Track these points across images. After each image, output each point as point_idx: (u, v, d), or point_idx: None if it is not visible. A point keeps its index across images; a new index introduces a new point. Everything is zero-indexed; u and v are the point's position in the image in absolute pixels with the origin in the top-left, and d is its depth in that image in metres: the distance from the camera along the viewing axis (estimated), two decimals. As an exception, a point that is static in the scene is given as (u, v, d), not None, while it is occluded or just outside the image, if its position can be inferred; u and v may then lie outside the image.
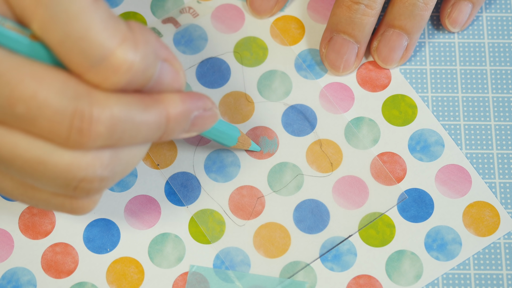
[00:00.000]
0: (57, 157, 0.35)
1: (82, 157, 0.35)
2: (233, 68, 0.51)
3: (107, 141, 0.35)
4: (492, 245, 0.47)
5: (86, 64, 0.33)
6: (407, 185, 0.48)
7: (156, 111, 0.36)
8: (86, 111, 0.33)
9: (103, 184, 0.36)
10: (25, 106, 0.33)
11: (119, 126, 0.34)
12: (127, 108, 0.35)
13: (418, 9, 0.48)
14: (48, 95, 0.33)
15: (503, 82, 0.51)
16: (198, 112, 0.38)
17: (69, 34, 0.33)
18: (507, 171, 0.48)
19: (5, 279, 0.46)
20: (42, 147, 0.34)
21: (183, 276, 0.46)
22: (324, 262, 0.46)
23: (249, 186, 0.48)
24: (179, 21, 0.52)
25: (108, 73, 0.34)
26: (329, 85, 0.50)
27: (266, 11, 0.52)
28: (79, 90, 0.34)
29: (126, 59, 0.34)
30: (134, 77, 0.34)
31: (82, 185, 0.36)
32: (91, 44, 0.33)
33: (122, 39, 0.34)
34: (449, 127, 0.49)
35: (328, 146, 0.49)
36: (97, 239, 0.47)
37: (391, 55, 0.50)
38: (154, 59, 0.35)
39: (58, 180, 0.35)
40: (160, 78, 0.36)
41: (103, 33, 0.33)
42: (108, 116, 0.34)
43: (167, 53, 0.37)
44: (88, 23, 0.33)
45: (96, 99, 0.34)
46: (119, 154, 0.36)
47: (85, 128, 0.34)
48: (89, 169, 0.35)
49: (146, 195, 0.48)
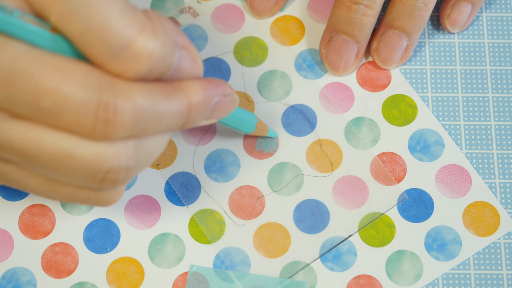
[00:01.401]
0: (83, 150, 0.35)
1: (108, 148, 0.35)
2: (233, 68, 0.51)
3: (131, 131, 0.35)
4: (492, 245, 0.47)
5: (107, 54, 0.34)
6: (407, 185, 0.48)
7: (178, 99, 0.36)
8: (111, 102, 0.34)
9: (129, 174, 0.37)
10: (50, 100, 0.33)
11: (143, 115, 0.35)
12: (150, 97, 0.35)
13: (417, 9, 0.48)
14: (72, 88, 0.33)
15: (503, 82, 0.51)
16: (218, 98, 0.39)
17: (89, 25, 0.33)
18: (507, 171, 0.48)
19: (5, 279, 0.46)
20: (68, 140, 0.35)
21: (183, 276, 0.46)
22: (324, 262, 0.46)
23: (249, 186, 0.48)
24: (179, 21, 0.52)
25: (130, 62, 0.34)
26: (329, 85, 0.50)
27: (266, 11, 0.52)
28: (103, 82, 0.34)
29: (147, 47, 0.34)
30: (155, 65, 0.35)
31: (108, 176, 0.36)
32: (112, 34, 0.33)
33: (141, 27, 0.34)
34: (449, 127, 0.49)
35: (328, 146, 0.49)
36: (97, 239, 0.47)
37: (390, 56, 0.50)
38: (173, 47, 0.35)
39: (85, 172, 0.35)
40: (179, 66, 0.36)
41: (122, 22, 0.34)
42: (132, 106, 0.34)
43: (185, 40, 0.37)
44: (107, 13, 0.33)
45: (120, 89, 0.34)
46: (143, 144, 0.36)
47: (111, 119, 0.34)
48: (115, 160, 0.35)
49: (146, 195, 0.48)
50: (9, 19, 0.33)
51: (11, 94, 0.33)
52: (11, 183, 0.38)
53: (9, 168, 0.37)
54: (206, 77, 0.38)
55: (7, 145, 0.35)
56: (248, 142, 0.49)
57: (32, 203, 0.47)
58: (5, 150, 0.35)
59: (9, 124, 0.35)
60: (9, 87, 0.33)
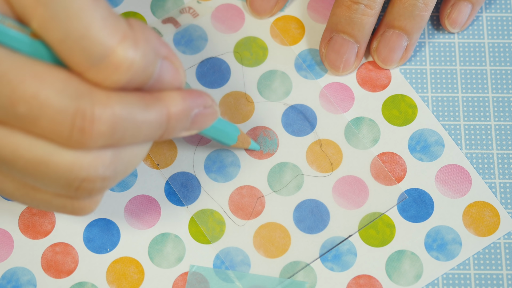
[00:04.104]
0: (59, 157, 0.35)
1: (84, 156, 0.35)
2: (233, 68, 0.51)
3: (109, 140, 0.35)
4: (492, 245, 0.47)
5: (86, 63, 0.33)
6: (407, 185, 0.48)
7: (157, 109, 0.36)
8: (88, 110, 0.33)
9: (105, 184, 0.36)
10: (26, 106, 0.33)
11: (120, 125, 0.34)
12: (128, 107, 0.35)
13: (418, 9, 0.48)
14: (50, 95, 0.33)
15: (503, 82, 0.51)
16: (198, 109, 0.38)
17: (69, 33, 0.33)
18: (507, 171, 0.48)
19: (5, 279, 0.46)
20: (44, 147, 0.34)
21: (183, 276, 0.46)
22: (324, 262, 0.46)
23: (249, 186, 0.48)
24: (179, 21, 0.52)
25: (109, 72, 0.34)
26: (329, 85, 0.50)
27: (266, 11, 0.52)
28: (81, 89, 0.34)
29: (127, 57, 0.34)
30: (134, 75, 0.34)
31: (84, 185, 0.36)
32: (92, 43, 0.33)
33: (122, 37, 0.34)
34: (449, 127, 0.49)
35: (328, 146, 0.49)
36: (97, 239, 0.47)
37: (390, 56, 0.50)
38: (154, 57, 0.35)
39: (60, 180, 0.35)
40: (160, 76, 0.36)
41: (103, 31, 0.33)
42: (109, 115, 0.34)
43: (167, 51, 0.37)
44: (88, 21, 0.33)
45: (98, 98, 0.34)
46: (121, 153, 0.36)
47: (87, 128, 0.34)
48: (91, 169, 0.35)
49: (146, 195, 0.48)
50: None
51: None
52: None
53: None
54: (187, 88, 0.38)
55: None
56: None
57: (32, 203, 0.47)
58: None
59: None
60: None
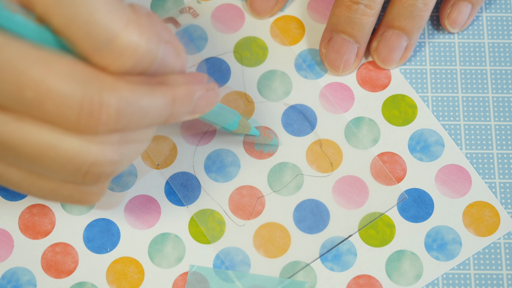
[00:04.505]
0: (67, 142, 0.35)
1: (92, 141, 0.35)
2: (233, 68, 0.51)
3: (116, 125, 0.35)
4: (492, 245, 0.47)
5: (92, 48, 0.34)
6: (407, 185, 0.48)
7: (162, 93, 0.36)
8: (96, 95, 0.34)
9: (113, 168, 0.36)
10: (33, 91, 0.33)
11: (127, 109, 0.35)
12: (134, 91, 0.35)
13: (417, 9, 0.48)
14: (57, 80, 0.33)
15: (503, 82, 0.51)
16: (201, 92, 0.39)
17: (74, 18, 0.33)
18: (507, 171, 0.48)
19: (5, 279, 0.46)
20: (52, 133, 0.34)
21: (183, 276, 0.46)
22: (324, 262, 0.46)
23: (249, 186, 0.48)
24: (179, 21, 0.52)
25: (114, 56, 0.34)
26: (329, 85, 0.50)
27: (266, 11, 0.52)
28: (87, 74, 0.34)
29: (131, 41, 0.34)
30: (139, 59, 0.35)
31: (92, 170, 0.36)
32: (97, 28, 0.33)
33: (127, 22, 0.34)
34: (449, 127, 0.49)
35: (328, 146, 0.49)
36: (97, 239, 0.47)
37: (390, 56, 0.50)
38: (157, 42, 0.35)
39: (69, 165, 0.35)
40: (163, 60, 0.36)
41: (108, 16, 0.33)
42: (117, 99, 0.34)
43: (170, 35, 0.37)
44: (93, 6, 0.33)
45: (105, 83, 0.34)
46: (127, 138, 0.36)
47: (95, 112, 0.34)
48: (99, 153, 0.35)
49: (146, 195, 0.48)
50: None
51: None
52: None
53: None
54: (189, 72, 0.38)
55: None
56: (248, 142, 0.49)
57: (32, 203, 0.47)
58: None
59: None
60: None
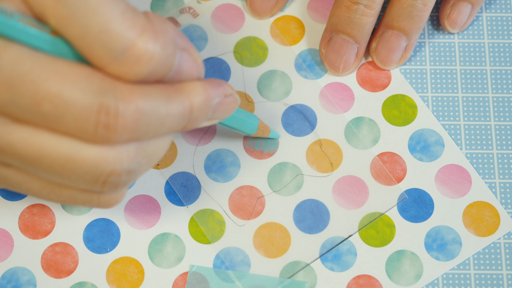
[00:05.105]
0: (85, 153, 0.35)
1: (110, 151, 0.35)
2: (233, 68, 0.51)
3: (133, 135, 0.35)
4: (492, 245, 0.47)
5: (108, 57, 0.34)
6: (407, 185, 0.48)
7: (179, 101, 0.36)
8: (112, 106, 0.34)
9: (130, 177, 0.37)
10: (51, 104, 0.33)
11: (144, 118, 0.35)
12: (151, 100, 0.35)
13: (416, 10, 0.48)
14: (73, 92, 0.33)
15: (503, 82, 0.51)
16: (219, 98, 0.39)
17: (89, 28, 0.33)
18: (507, 171, 0.48)
19: (5, 279, 0.46)
20: (69, 144, 0.35)
21: (183, 276, 0.46)
22: (324, 262, 0.46)
23: (249, 186, 0.48)
24: (179, 21, 0.52)
25: (130, 65, 0.34)
26: (329, 85, 0.50)
27: (266, 11, 0.52)
28: (104, 85, 0.34)
29: (147, 49, 0.34)
30: (155, 67, 0.35)
31: (110, 179, 0.36)
32: (112, 37, 0.33)
33: (142, 30, 0.34)
34: (449, 127, 0.49)
35: (328, 146, 0.49)
36: (97, 239, 0.47)
37: (389, 56, 0.50)
38: (173, 49, 0.35)
39: (87, 176, 0.35)
40: (180, 68, 0.36)
41: (122, 25, 0.34)
42: (133, 109, 0.34)
43: (185, 42, 0.37)
44: (107, 16, 0.33)
45: (121, 93, 0.34)
46: (145, 146, 0.36)
47: (112, 123, 0.34)
48: (116, 163, 0.35)
49: (146, 195, 0.48)
50: (9, 22, 0.33)
51: (12, 98, 0.33)
52: (13, 187, 0.38)
53: (10, 172, 0.37)
54: (207, 78, 0.38)
55: (8, 150, 0.35)
56: (248, 142, 0.49)
57: (32, 203, 0.47)
58: (6, 154, 0.35)
59: (10, 129, 0.35)
60: (10, 91, 0.33)
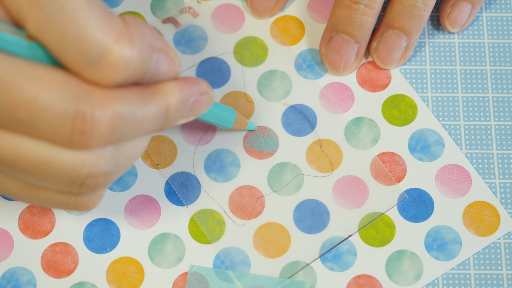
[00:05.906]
0: (61, 157, 0.35)
1: (86, 155, 0.35)
2: (233, 68, 0.51)
3: (110, 139, 0.35)
4: (492, 245, 0.47)
5: (83, 63, 0.33)
6: (407, 185, 0.48)
7: (155, 103, 0.36)
8: (88, 112, 0.34)
9: (108, 179, 0.37)
10: (26, 111, 0.33)
11: (121, 123, 0.35)
12: (127, 104, 0.35)
13: (417, 9, 0.48)
14: (49, 99, 0.33)
15: (503, 82, 0.51)
16: (195, 97, 0.39)
17: (65, 34, 0.33)
18: (507, 171, 0.48)
19: (4, 279, 0.46)
20: (46, 148, 0.35)
21: (183, 276, 0.46)
22: (324, 262, 0.46)
23: (249, 186, 0.48)
24: (179, 21, 0.52)
25: (107, 71, 0.34)
26: (329, 85, 0.50)
27: (266, 11, 0.52)
28: (79, 91, 0.34)
29: (124, 55, 0.34)
30: (132, 72, 0.35)
31: (87, 182, 0.36)
32: (88, 43, 0.33)
33: (118, 36, 0.34)
34: (449, 127, 0.49)
35: (328, 146, 0.49)
36: (97, 239, 0.47)
37: (390, 56, 0.50)
38: (150, 52, 0.35)
39: (64, 178, 0.35)
40: (156, 69, 0.36)
41: (99, 31, 0.33)
42: (110, 115, 0.34)
43: (162, 43, 0.37)
44: (84, 22, 0.33)
45: (97, 98, 0.34)
46: (122, 148, 0.36)
47: (88, 130, 0.34)
48: (93, 166, 0.35)
49: (146, 195, 0.48)
50: None
51: None
52: None
53: None
54: (182, 77, 0.38)
55: None
56: (248, 142, 0.49)
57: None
58: None
59: None
60: None
